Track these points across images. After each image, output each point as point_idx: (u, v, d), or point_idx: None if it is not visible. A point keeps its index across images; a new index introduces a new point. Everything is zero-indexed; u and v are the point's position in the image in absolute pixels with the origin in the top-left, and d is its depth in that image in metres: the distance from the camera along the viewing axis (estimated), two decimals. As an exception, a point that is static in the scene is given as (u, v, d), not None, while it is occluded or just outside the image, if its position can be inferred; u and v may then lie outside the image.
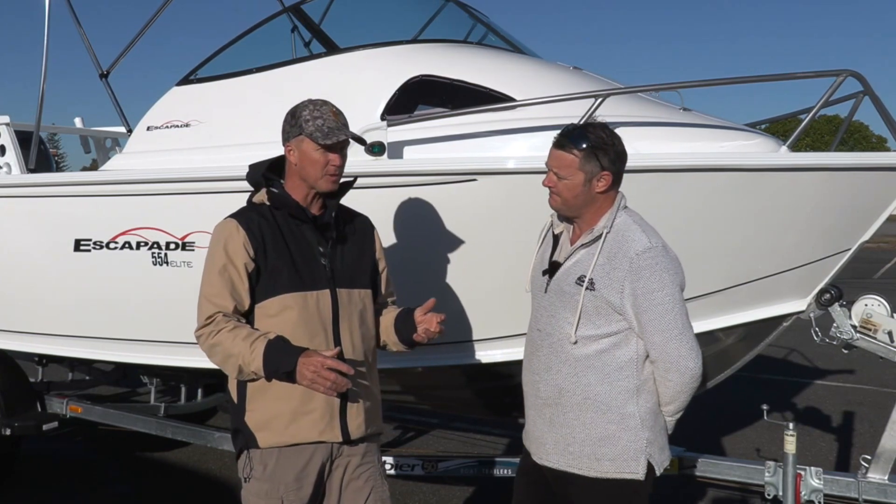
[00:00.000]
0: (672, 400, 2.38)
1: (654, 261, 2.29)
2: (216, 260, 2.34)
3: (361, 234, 2.57)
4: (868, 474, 3.42)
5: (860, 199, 3.37)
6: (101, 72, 4.58)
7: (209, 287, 2.34)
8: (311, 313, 2.36)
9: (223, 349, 2.28)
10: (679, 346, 2.29)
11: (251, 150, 3.74)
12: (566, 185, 2.36)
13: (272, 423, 2.35)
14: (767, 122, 4.81)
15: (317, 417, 2.35)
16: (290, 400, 2.33)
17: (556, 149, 2.39)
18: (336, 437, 2.38)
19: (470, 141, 3.42)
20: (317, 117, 2.34)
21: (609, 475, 2.34)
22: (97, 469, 5.32)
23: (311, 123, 2.34)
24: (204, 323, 2.33)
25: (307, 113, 2.36)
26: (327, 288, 2.40)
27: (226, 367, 2.33)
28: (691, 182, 3.26)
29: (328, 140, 2.32)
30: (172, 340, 4.10)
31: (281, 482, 2.35)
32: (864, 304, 3.60)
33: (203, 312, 2.34)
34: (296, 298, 2.34)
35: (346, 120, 2.42)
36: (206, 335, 2.31)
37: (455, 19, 4.44)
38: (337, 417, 2.38)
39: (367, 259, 2.57)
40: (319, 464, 2.39)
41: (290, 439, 2.35)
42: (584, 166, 2.34)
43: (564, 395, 2.38)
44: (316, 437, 2.36)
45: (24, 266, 4.34)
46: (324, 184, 2.39)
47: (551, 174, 2.40)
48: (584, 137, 2.35)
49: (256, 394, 2.37)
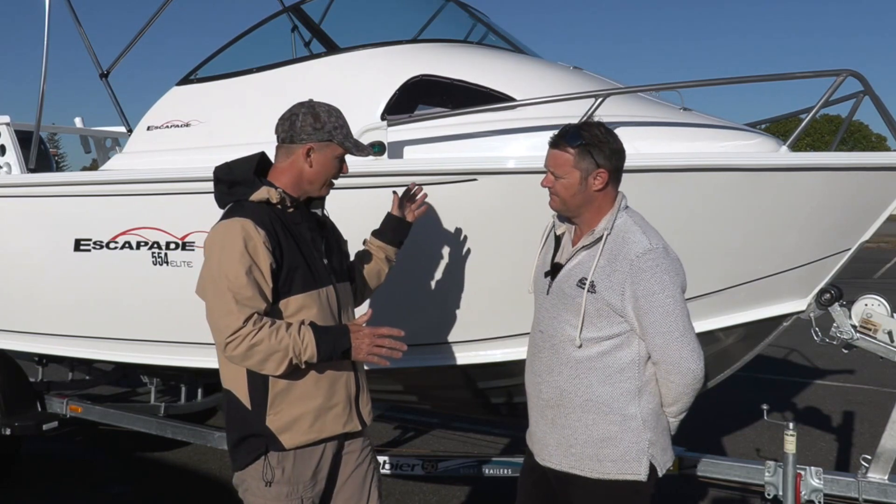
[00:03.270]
0: (675, 401, 2.38)
1: (654, 262, 2.29)
2: (242, 261, 2.21)
3: (333, 230, 2.64)
4: (868, 474, 3.42)
5: (860, 199, 3.37)
6: (101, 72, 4.58)
7: (241, 289, 2.20)
8: (325, 309, 2.39)
9: (266, 346, 2.19)
10: (681, 347, 2.29)
11: (251, 150, 3.75)
12: (563, 184, 2.37)
13: (297, 424, 2.34)
14: (767, 122, 4.80)
15: (339, 411, 2.40)
16: (316, 398, 2.35)
17: (551, 148, 2.41)
18: (356, 426, 2.46)
19: (470, 141, 3.42)
20: (342, 125, 2.41)
21: (611, 476, 2.34)
22: (97, 469, 5.33)
23: (340, 132, 2.39)
24: (240, 325, 2.18)
25: (334, 119, 2.39)
26: (331, 284, 2.44)
27: (266, 364, 2.22)
28: (691, 182, 3.26)
29: (359, 153, 2.43)
30: (172, 340, 4.11)
31: (300, 482, 2.36)
32: (864, 304, 3.60)
33: (236, 316, 2.18)
34: (312, 296, 2.36)
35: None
36: (244, 337, 2.18)
37: (455, 19, 4.44)
38: (354, 407, 2.46)
39: (346, 254, 2.67)
40: (332, 457, 2.44)
41: (316, 436, 2.36)
42: (580, 164, 2.35)
43: (566, 397, 2.38)
44: (340, 430, 2.41)
45: (25, 266, 4.34)
46: (324, 190, 2.45)
47: (549, 175, 2.42)
48: (578, 135, 2.36)
49: (279, 397, 2.33)
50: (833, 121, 53.39)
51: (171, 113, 4.13)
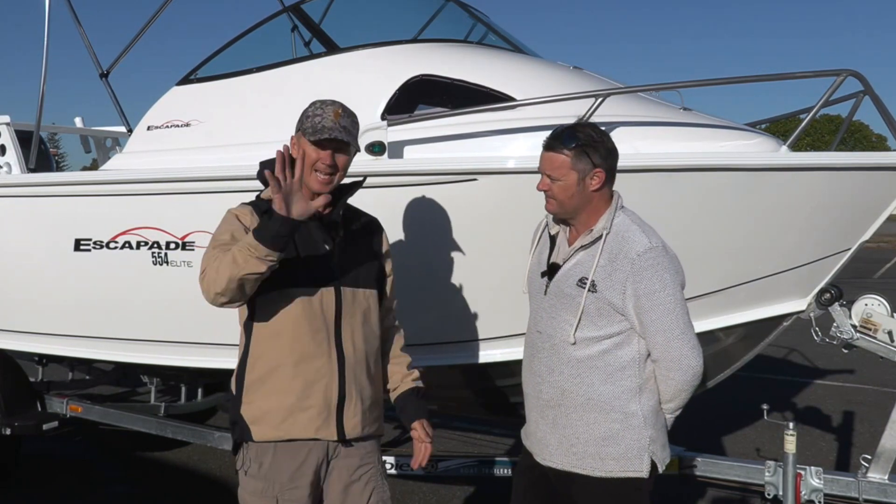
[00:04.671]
0: (673, 397, 2.39)
1: (655, 261, 2.30)
2: (228, 225, 2.33)
3: (369, 234, 2.56)
4: (868, 474, 3.42)
5: (860, 199, 3.37)
6: (101, 72, 4.58)
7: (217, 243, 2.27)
8: (314, 309, 2.36)
9: (223, 261, 2.17)
10: (681, 345, 2.30)
11: (251, 150, 3.74)
12: (561, 186, 2.37)
13: (267, 417, 2.34)
14: (767, 121, 4.80)
15: (313, 414, 2.34)
16: (288, 395, 2.33)
17: (546, 151, 2.40)
18: (331, 435, 2.36)
19: (470, 141, 3.42)
20: (316, 115, 2.33)
21: (614, 474, 2.34)
22: (97, 469, 5.33)
23: (309, 121, 2.34)
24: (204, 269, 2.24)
25: (311, 110, 2.36)
26: (332, 286, 2.39)
27: (224, 276, 2.16)
28: (691, 182, 3.26)
29: (314, 136, 2.30)
30: (172, 340, 4.11)
31: (276, 481, 2.34)
32: (864, 304, 3.60)
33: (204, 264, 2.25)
34: (299, 293, 2.34)
35: (352, 124, 2.38)
36: (207, 270, 2.22)
37: (455, 19, 4.44)
38: (334, 415, 2.36)
39: (375, 260, 2.54)
40: (315, 463, 2.37)
41: (284, 434, 2.34)
42: (577, 165, 2.34)
43: (567, 397, 2.38)
44: (311, 435, 2.35)
45: (25, 266, 4.34)
46: (312, 181, 2.33)
47: (545, 178, 2.40)
48: (573, 137, 2.36)
49: (254, 386, 2.37)
50: (833, 121, 53.35)
51: (171, 113, 4.13)
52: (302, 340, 2.33)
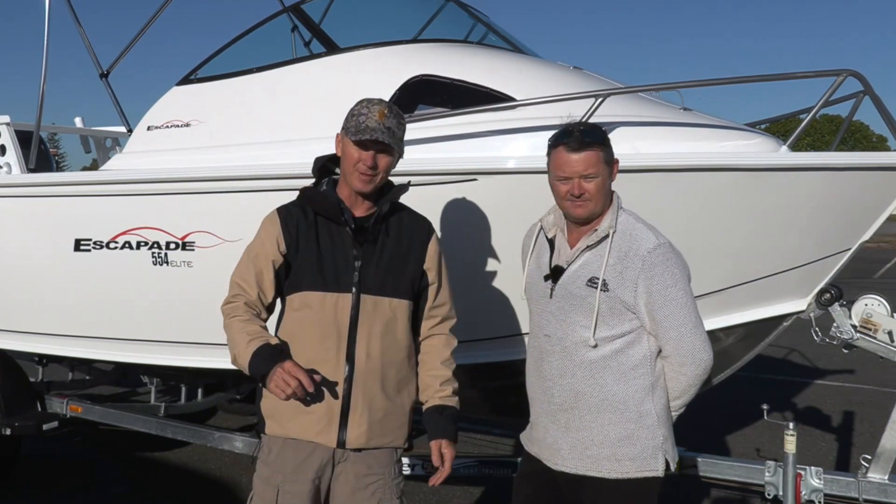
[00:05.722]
0: (682, 393, 2.39)
1: (665, 257, 2.31)
2: (254, 246, 2.45)
3: (411, 241, 2.48)
4: (868, 474, 3.42)
5: (860, 199, 3.37)
6: (101, 72, 4.59)
7: (239, 269, 2.45)
8: (326, 314, 2.35)
9: (230, 334, 2.39)
10: (694, 339, 2.31)
11: (251, 150, 3.76)
12: (597, 184, 2.32)
13: (277, 414, 2.41)
14: (767, 122, 4.80)
15: (316, 418, 2.36)
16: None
17: (574, 154, 2.31)
18: (331, 441, 2.37)
19: (470, 141, 3.42)
20: (361, 114, 2.34)
21: (630, 475, 2.33)
22: (97, 469, 5.32)
23: (354, 119, 2.35)
24: (228, 301, 2.44)
25: (357, 108, 2.38)
26: (350, 292, 2.36)
27: (227, 336, 2.41)
28: (691, 182, 3.26)
29: (356, 136, 2.32)
30: (172, 340, 4.10)
31: (280, 470, 2.39)
32: (864, 304, 3.60)
33: (230, 290, 2.45)
34: (315, 297, 2.36)
35: (398, 125, 2.39)
36: (225, 314, 2.43)
37: (455, 19, 4.44)
38: (336, 422, 2.36)
39: (410, 268, 2.46)
40: (318, 463, 2.39)
41: (289, 433, 2.40)
42: (606, 157, 2.35)
43: (581, 399, 2.36)
44: (312, 437, 2.38)
45: (25, 266, 4.34)
46: (355, 181, 2.36)
47: (577, 181, 2.32)
48: (595, 130, 2.36)
49: None
50: (833, 121, 53.39)
51: (171, 113, 4.13)
52: (309, 345, 2.35)
